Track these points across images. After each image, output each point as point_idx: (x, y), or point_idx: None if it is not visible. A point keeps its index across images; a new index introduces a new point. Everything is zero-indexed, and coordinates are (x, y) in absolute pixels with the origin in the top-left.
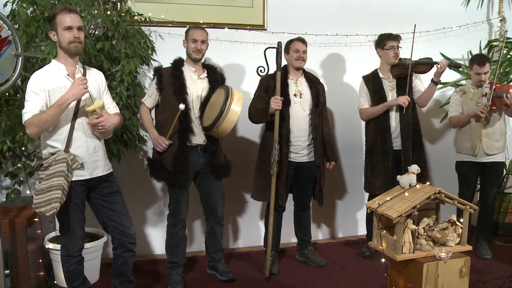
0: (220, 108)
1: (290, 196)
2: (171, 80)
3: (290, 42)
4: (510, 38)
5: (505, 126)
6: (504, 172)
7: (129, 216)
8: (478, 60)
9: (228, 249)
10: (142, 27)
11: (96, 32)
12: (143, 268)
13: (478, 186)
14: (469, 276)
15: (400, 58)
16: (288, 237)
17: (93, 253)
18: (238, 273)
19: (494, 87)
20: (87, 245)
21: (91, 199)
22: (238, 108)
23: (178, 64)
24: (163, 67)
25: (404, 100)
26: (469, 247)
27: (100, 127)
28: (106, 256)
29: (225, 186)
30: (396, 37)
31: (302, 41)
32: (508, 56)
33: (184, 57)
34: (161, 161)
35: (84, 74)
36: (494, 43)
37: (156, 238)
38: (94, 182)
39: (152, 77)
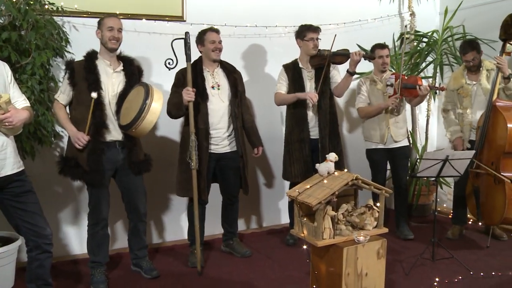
0: (139, 108)
1: (216, 188)
2: (84, 74)
3: (203, 33)
4: (419, 32)
5: (414, 114)
6: (417, 156)
7: (43, 216)
8: (379, 44)
9: (152, 244)
10: (55, 17)
11: (1, 21)
12: (62, 270)
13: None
14: (386, 257)
15: (319, 49)
16: (212, 229)
17: (6, 258)
18: (163, 268)
19: (400, 78)
20: None
21: (0, 200)
22: (157, 109)
23: (91, 57)
24: (75, 60)
25: (312, 96)
26: (385, 230)
27: (6, 123)
28: (21, 261)
29: (146, 182)
30: (316, 29)
31: (217, 31)
32: (418, 48)
33: (98, 49)
34: (76, 159)
35: None
36: (406, 35)
37: (75, 237)
38: (2, 181)
39: (64, 71)
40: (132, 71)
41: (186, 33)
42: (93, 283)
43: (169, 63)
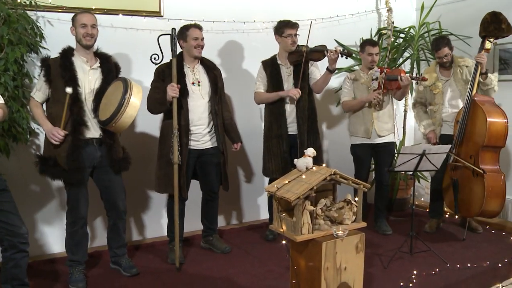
0: (119, 102)
1: (196, 184)
2: (60, 71)
3: (186, 29)
4: (396, 27)
5: (393, 109)
6: (395, 151)
7: (19, 215)
8: (370, 41)
9: (132, 242)
10: (28, 12)
11: None
12: (39, 269)
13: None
14: (364, 251)
15: (298, 45)
16: (192, 225)
17: None
18: (143, 265)
19: (385, 71)
20: None
21: None
22: (137, 103)
23: (67, 53)
24: (51, 57)
25: (295, 92)
26: (364, 224)
27: None
28: None
29: (126, 179)
30: (294, 25)
31: (199, 28)
32: (396, 43)
33: (74, 45)
34: (54, 158)
35: None
36: (383, 31)
37: (53, 236)
38: None
39: (40, 69)
40: (109, 68)
41: (173, 29)
42: (72, 281)
43: (154, 59)
